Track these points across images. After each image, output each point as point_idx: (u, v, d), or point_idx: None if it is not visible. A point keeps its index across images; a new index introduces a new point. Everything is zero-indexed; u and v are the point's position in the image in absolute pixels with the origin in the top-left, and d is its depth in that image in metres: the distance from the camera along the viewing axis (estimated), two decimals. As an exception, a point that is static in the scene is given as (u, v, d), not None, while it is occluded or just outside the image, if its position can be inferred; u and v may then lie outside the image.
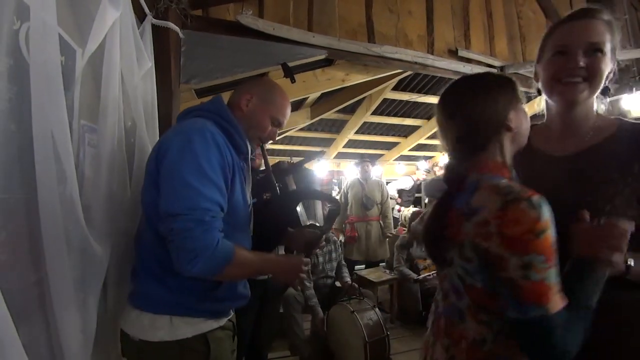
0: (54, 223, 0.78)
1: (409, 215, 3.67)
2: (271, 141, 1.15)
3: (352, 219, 3.91)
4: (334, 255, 2.92)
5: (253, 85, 1.11)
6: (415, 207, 5.44)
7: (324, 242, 1.23)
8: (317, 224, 1.43)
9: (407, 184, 5.75)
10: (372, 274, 3.39)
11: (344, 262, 3.10)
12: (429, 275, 3.21)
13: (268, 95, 1.08)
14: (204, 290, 0.93)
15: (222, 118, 1.00)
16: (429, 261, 3.39)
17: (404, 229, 3.84)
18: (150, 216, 0.93)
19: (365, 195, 3.94)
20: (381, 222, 3.98)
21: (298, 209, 1.37)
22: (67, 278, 0.82)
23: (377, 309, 2.43)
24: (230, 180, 0.93)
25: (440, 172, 5.33)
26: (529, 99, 4.59)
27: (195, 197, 0.83)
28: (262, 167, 1.65)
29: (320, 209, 3.72)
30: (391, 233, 4.23)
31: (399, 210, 5.56)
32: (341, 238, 3.86)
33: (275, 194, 1.29)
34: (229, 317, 1.04)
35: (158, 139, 1.45)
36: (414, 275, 3.17)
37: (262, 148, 1.22)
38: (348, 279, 2.95)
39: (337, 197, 4.24)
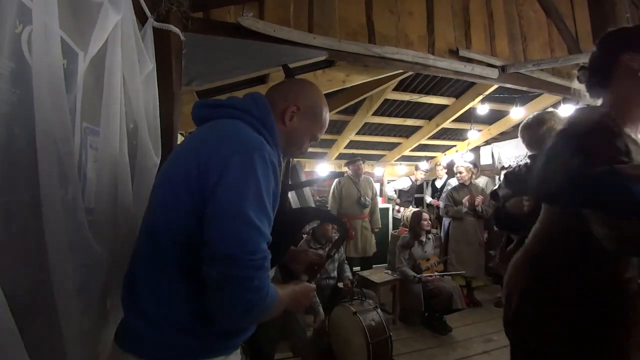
0: (57, 225, 0.78)
1: (410, 216, 3.65)
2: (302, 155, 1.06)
3: (347, 217, 3.93)
4: (336, 255, 2.91)
5: (299, 93, 0.94)
6: (417, 207, 5.42)
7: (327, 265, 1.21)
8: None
9: (405, 184, 5.74)
10: (374, 275, 3.38)
11: (346, 262, 3.09)
12: (431, 275, 3.20)
13: (315, 110, 0.95)
14: (226, 331, 0.80)
15: (266, 129, 0.84)
16: (431, 261, 3.38)
17: (406, 229, 3.83)
18: (185, 245, 0.74)
19: (361, 194, 3.98)
20: (368, 217, 4.14)
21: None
22: (70, 280, 0.83)
23: (379, 310, 2.42)
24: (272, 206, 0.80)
25: (441, 172, 5.31)
26: (530, 98, 4.58)
27: (255, 236, 0.69)
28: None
29: (309, 194, 3.77)
30: (378, 227, 4.35)
31: (398, 211, 5.55)
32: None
33: (285, 210, 1.14)
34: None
35: (160, 141, 1.45)
36: (416, 276, 3.16)
37: (287, 162, 1.11)
38: (349, 276, 2.95)
39: (330, 196, 4.25)
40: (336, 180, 4.30)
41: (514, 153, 5.12)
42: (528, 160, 1.74)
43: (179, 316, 0.74)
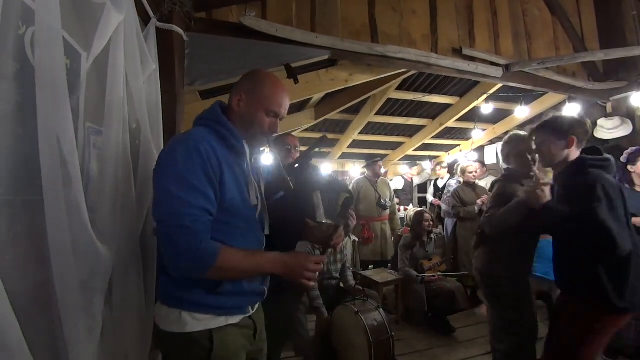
0: (60, 224, 0.79)
1: (413, 215, 3.63)
2: (274, 134, 1.11)
3: (365, 219, 3.84)
4: (339, 256, 2.90)
5: (241, 83, 1.09)
6: (420, 206, 5.41)
7: (342, 235, 1.20)
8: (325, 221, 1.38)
9: (399, 184, 5.71)
10: (377, 275, 3.37)
11: (348, 265, 3.06)
12: (433, 275, 3.19)
13: (257, 88, 1.06)
14: (206, 286, 0.95)
15: (217, 123, 1.02)
16: (433, 262, 3.37)
17: (409, 228, 3.81)
18: None
19: (379, 195, 3.90)
20: (388, 220, 4.01)
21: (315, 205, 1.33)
22: (73, 279, 0.83)
23: (381, 310, 2.41)
24: (220, 183, 0.95)
25: (442, 171, 5.28)
26: (535, 97, 4.55)
27: (174, 203, 0.87)
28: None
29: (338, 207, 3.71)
30: (399, 229, 4.28)
31: (399, 210, 5.53)
32: (353, 238, 3.82)
33: (287, 188, 1.24)
34: (246, 315, 1.05)
35: (162, 140, 1.46)
36: (419, 276, 3.15)
37: (270, 144, 1.19)
38: (352, 282, 2.91)
39: None
40: (353, 181, 4.22)
41: (518, 152, 5.07)
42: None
43: (165, 267, 0.94)
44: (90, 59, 1.03)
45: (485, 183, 4.17)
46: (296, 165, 1.34)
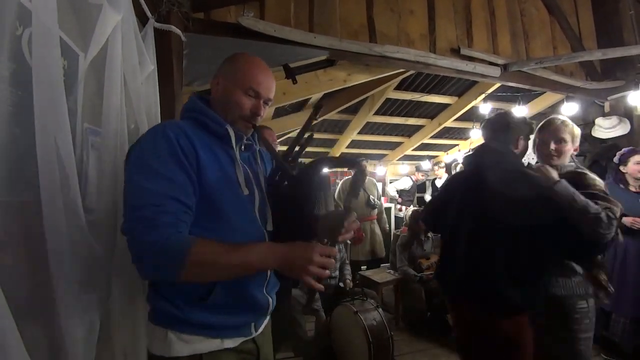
0: (57, 225, 0.79)
1: (409, 215, 3.64)
2: (259, 117, 0.97)
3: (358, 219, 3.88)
4: (337, 255, 2.91)
5: (219, 67, 0.99)
6: (419, 206, 5.41)
7: (356, 221, 0.95)
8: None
9: (407, 184, 5.73)
10: (376, 275, 3.37)
11: (347, 261, 3.09)
12: (431, 274, 3.19)
13: (231, 68, 0.95)
14: (194, 296, 0.80)
15: (195, 111, 0.93)
16: (431, 260, 3.37)
17: (407, 228, 3.82)
18: None
19: (368, 195, 3.93)
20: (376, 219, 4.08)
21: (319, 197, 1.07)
22: (71, 280, 0.83)
23: (380, 310, 2.42)
24: (197, 166, 0.82)
25: (440, 171, 5.30)
26: (533, 96, 4.56)
27: (137, 194, 0.75)
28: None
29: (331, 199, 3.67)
30: (387, 227, 4.36)
31: (400, 210, 5.54)
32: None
33: (287, 174, 1.02)
34: (247, 337, 0.89)
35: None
36: (417, 275, 3.15)
37: (254, 127, 0.99)
38: (349, 279, 2.93)
39: (336, 199, 4.23)
40: (341, 182, 4.27)
41: (516, 152, 5.08)
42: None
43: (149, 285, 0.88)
44: (88, 59, 1.02)
45: None
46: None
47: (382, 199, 4.61)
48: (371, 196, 3.95)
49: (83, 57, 1.02)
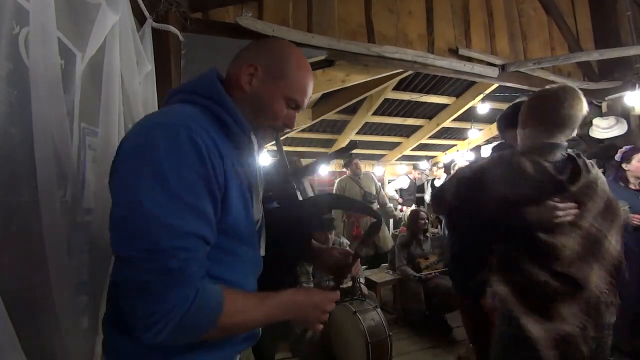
0: (55, 226, 0.79)
1: (409, 214, 3.65)
2: (288, 130, 0.82)
3: (355, 216, 3.88)
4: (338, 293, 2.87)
5: (257, 52, 0.77)
6: (418, 206, 5.42)
7: (360, 267, 0.94)
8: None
9: (405, 183, 5.74)
10: (375, 275, 3.38)
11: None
12: (430, 274, 3.20)
13: (280, 65, 0.75)
14: (189, 342, 0.62)
15: (215, 102, 0.69)
16: (430, 260, 3.38)
17: (406, 228, 3.83)
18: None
19: (365, 191, 3.94)
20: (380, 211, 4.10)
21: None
22: (69, 280, 0.83)
23: (379, 310, 2.42)
24: (224, 195, 0.64)
25: (439, 172, 5.31)
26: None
27: (158, 232, 0.54)
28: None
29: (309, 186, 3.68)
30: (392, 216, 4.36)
31: (401, 210, 5.54)
32: (345, 241, 3.84)
33: (294, 199, 0.95)
34: None
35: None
36: (416, 275, 3.16)
37: (277, 140, 0.88)
38: (362, 280, 2.87)
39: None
40: (336, 181, 4.28)
41: (514, 152, 5.10)
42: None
43: (119, 316, 0.65)
44: (85, 59, 1.02)
45: None
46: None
47: (382, 191, 4.56)
48: (367, 191, 3.94)
49: (80, 57, 1.02)
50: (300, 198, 0.97)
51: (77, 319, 0.86)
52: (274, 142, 0.87)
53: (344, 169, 4.25)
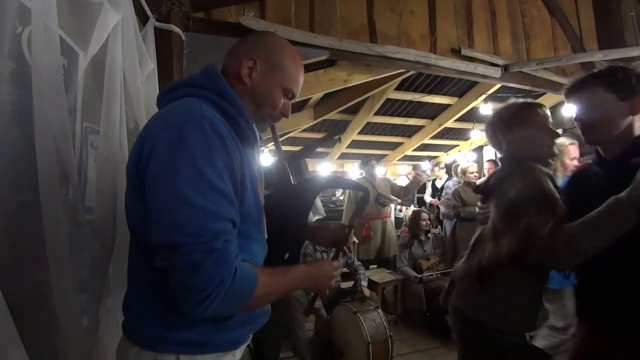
0: (56, 225, 0.79)
1: (410, 215, 3.64)
2: (284, 118, 0.89)
3: (366, 218, 3.77)
4: (341, 260, 2.86)
5: (254, 45, 0.83)
6: (419, 207, 5.41)
7: (354, 238, 1.17)
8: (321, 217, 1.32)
9: (404, 184, 5.73)
10: (376, 275, 3.38)
11: (359, 263, 3.01)
12: (431, 275, 3.19)
13: (277, 58, 0.81)
14: (215, 320, 0.71)
15: (222, 97, 0.73)
16: (431, 261, 3.37)
17: (407, 228, 3.81)
18: (139, 235, 0.73)
19: (378, 193, 3.89)
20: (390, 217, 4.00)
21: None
22: (70, 279, 0.83)
23: (380, 310, 2.42)
24: (241, 181, 0.71)
25: (440, 172, 5.30)
26: (534, 97, 4.55)
27: (200, 217, 0.61)
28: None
29: (319, 201, 3.64)
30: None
31: (400, 210, 5.54)
32: (354, 239, 3.81)
33: (288, 184, 1.07)
34: (247, 342, 0.86)
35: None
36: (417, 276, 3.15)
37: (273, 129, 0.96)
38: (364, 284, 2.81)
39: (342, 198, 4.19)
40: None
41: (517, 153, 5.09)
42: None
43: (140, 302, 0.73)
44: (88, 58, 1.02)
45: None
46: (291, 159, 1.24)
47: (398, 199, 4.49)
48: (381, 194, 3.90)
49: (83, 56, 1.02)
50: (295, 182, 1.10)
51: (78, 318, 0.87)
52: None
53: (360, 170, 4.19)
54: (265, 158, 3.98)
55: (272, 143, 1.10)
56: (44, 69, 0.77)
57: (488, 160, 4.44)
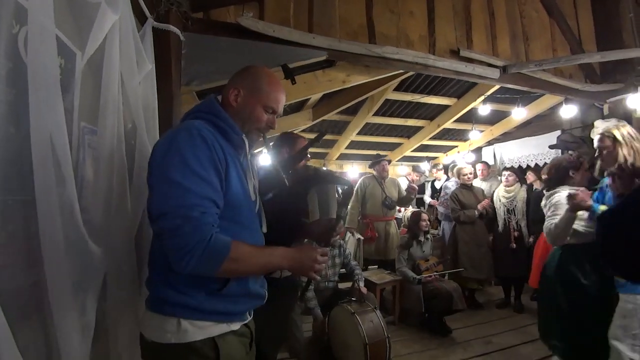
0: (52, 225, 0.79)
1: (410, 215, 3.63)
2: (271, 129, 1.11)
3: (370, 218, 3.82)
4: (337, 260, 2.85)
5: (239, 78, 1.07)
6: (418, 207, 5.42)
7: (342, 227, 1.28)
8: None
9: (403, 185, 5.73)
10: (375, 276, 3.37)
11: (355, 263, 3.00)
12: (429, 276, 3.19)
13: (255, 84, 1.05)
14: (211, 288, 0.90)
15: (215, 116, 0.98)
16: (430, 262, 3.37)
17: (406, 229, 3.81)
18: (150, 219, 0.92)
19: (386, 195, 3.86)
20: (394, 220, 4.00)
21: (309, 206, 1.41)
22: (66, 279, 0.83)
23: (378, 311, 2.41)
24: (225, 175, 0.92)
25: (438, 173, 5.29)
26: (532, 98, 4.56)
27: (180, 193, 0.82)
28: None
29: (334, 203, 3.65)
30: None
31: (399, 211, 5.54)
32: (357, 236, 3.79)
33: (282, 185, 1.25)
34: (244, 322, 1.00)
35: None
36: (416, 277, 3.15)
37: (265, 138, 1.17)
38: (362, 284, 2.81)
39: (353, 196, 4.11)
40: (360, 179, 4.16)
41: (516, 154, 5.10)
42: None
43: (156, 274, 0.93)
44: (85, 58, 1.02)
45: (489, 185, 4.15)
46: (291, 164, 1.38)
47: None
48: (389, 196, 3.87)
49: (80, 56, 1.02)
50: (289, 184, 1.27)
51: (74, 318, 0.86)
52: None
53: (370, 169, 4.16)
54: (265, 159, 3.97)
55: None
56: (41, 68, 0.77)
57: (481, 162, 4.45)
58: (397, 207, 5.54)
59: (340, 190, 3.83)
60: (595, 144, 1.64)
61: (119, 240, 1.09)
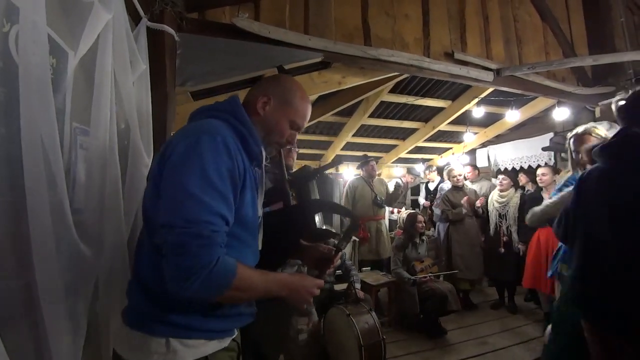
0: (43, 227, 0.77)
1: (405, 217, 3.64)
2: (291, 145, 1.06)
3: (362, 219, 3.80)
4: (323, 281, 2.83)
5: (270, 85, 1.01)
6: (413, 209, 5.43)
7: (339, 260, 1.16)
8: (333, 230, 1.38)
9: (391, 187, 5.75)
10: (370, 277, 3.37)
11: (352, 265, 3.00)
12: (425, 277, 3.20)
13: (287, 96, 0.99)
14: (205, 308, 0.82)
15: (237, 120, 0.90)
16: (425, 263, 3.38)
17: (401, 230, 3.82)
18: (151, 225, 0.84)
19: (375, 194, 3.89)
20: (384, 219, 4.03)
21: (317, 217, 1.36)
22: (56, 282, 0.81)
23: (373, 313, 2.41)
24: (240, 191, 0.84)
25: (432, 175, 5.32)
26: (526, 101, 4.60)
27: (194, 207, 0.73)
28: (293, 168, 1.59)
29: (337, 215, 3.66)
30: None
31: (392, 212, 5.55)
32: (354, 238, 3.80)
33: (287, 203, 1.20)
34: (233, 337, 0.94)
35: (152, 141, 1.44)
36: (411, 278, 3.16)
37: (280, 153, 1.15)
38: (358, 286, 2.78)
39: (343, 198, 4.16)
40: (348, 182, 4.20)
41: (509, 156, 5.14)
42: None
43: (151, 283, 0.82)
44: (77, 57, 1.01)
45: (480, 186, 4.19)
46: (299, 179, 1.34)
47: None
48: (378, 195, 3.90)
49: (73, 56, 1.01)
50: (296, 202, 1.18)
51: (66, 322, 0.85)
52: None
53: (358, 170, 4.19)
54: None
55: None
56: (32, 68, 0.76)
57: (469, 165, 4.53)
58: (389, 209, 5.57)
59: (344, 221, 3.84)
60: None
61: (111, 243, 1.08)
